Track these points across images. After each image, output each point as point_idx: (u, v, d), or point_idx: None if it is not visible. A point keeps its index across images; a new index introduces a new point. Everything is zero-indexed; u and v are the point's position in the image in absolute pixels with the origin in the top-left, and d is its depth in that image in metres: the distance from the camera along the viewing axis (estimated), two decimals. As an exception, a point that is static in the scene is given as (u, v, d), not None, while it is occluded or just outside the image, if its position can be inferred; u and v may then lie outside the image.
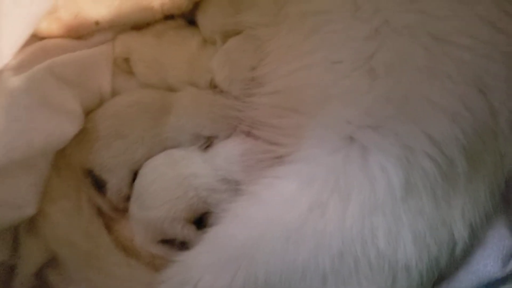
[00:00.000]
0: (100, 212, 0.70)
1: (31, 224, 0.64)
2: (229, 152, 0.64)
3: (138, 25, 0.75)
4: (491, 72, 0.57)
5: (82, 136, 0.68)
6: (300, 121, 0.60)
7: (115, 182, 0.69)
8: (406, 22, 0.59)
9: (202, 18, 0.73)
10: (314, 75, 0.61)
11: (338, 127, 0.58)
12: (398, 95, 0.57)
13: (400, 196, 0.55)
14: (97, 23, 0.72)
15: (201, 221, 0.69)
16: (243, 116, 0.65)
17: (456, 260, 0.60)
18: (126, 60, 0.74)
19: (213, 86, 0.70)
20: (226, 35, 0.71)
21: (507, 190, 0.63)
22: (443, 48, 0.57)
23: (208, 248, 0.59)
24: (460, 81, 0.57)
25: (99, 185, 0.70)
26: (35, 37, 0.70)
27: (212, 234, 0.61)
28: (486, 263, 0.61)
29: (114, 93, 0.73)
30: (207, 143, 0.67)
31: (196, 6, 0.74)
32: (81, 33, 0.73)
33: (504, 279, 0.60)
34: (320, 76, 0.61)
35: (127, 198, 0.70)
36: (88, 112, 0.70)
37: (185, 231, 0.67)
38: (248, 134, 0.64)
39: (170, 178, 0.66)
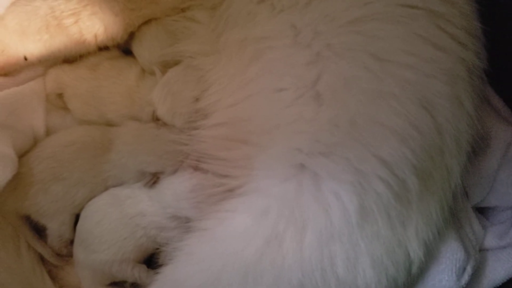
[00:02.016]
0: (42, 260, 0.66)
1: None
2: (177, 188, 0.62)
3: (71, 57, 0.71)
4: (434, 90, 0.58)
5: (17, 181, 0.63)
6: (249, 152, 0.59)
7: (55, 228, 0.65)
8: (347, 45, 0.59)
9: (138, 49, 0.70)
10: (259, 104, 0.60)
11: (288, 156, 0.57)
12: (345, 119, 0.56)
13: (356, 222, 0.55)
14: (25, 58, 0.68)
15: (151, 260, 0.66)
16: (189, 150, 0.63)
17: (413, 278, 0.61)
18: (60, 95, 0.70)
19: (155, 119, 0.67)
20: (165, 65, 0.68)
21: (455, 204, 0.65)
22: (386, 68, 0.58)
23: None
24: (405, 101, 0.57)
25: (38, 231, 0.66)
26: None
27: (167, 275, 0.59)
28: (441, 278, 0.63)
29: (49, 132, 0.69)
30: (153, 179, 0.65)
31: (131, 36, 0.71)
32: (8, 70, 0.69)
33: (460, 292, 0.62)
34: (265, 105, 0.60)
35: (70, 242, 0.66)
36: (22, 155, 0.65)
37: (136, 273, 0.64)
38: (196, 168, 0.62)
39: (116, 219, 0.64)
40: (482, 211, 0.73)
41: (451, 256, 0.63)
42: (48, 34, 0.66)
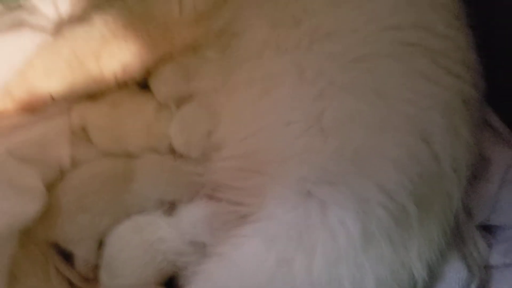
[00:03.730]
0: (71, 284, 0.70)
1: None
2: (193, 216, 0.66)
3: (93, 94, 0.76)
4: (432, 122, 0.62)
5: (46, 211, 0.68)
6: (261, 181, 0.63)
7: (81, 254, 0.69)
8: (350, 82, 0.63)
9: (155, 85, 0.75)
10: (269, 137, 0.64)
11: (297, 185, 0.61)
12: (349, 151, 0.60)
13: (360, 246, 0.59)
14: (51, 96, 0.73)
15: (172, 283, 0.70)
16: (204, 180, 0.67)
17: (418, 297, 0.64)
18: (84, 129, 0.75)
19: (172, 151, 0.72)
20: (181, 100, 0.73)
21: (457, 224, 0.68)
22: (387, 103, 0.62)
23: None
24: (404, 133, 0.61)
25: (66, 257, 0.70)
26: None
27: None
28: (446, 297, 0.66)
29: (75, 164, 0.73)
30: (171, 207, 0.69)
31: (148, 72, 0.76)
32: (35, 108, 0.73)
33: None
34: (274, 138, 0.64)
35: (96, 267, 0.70)
36: (50, 186, 0.70)
37: (157, 295, 0.68)
38: (211, 197, 0.66)
39: (138, 245, 0.68)
40: (488, 229, 0.76)
41: (454, 276, 0.65)
42: (71, 74, 0.71)
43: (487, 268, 0.71)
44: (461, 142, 0.64)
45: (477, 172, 0.72)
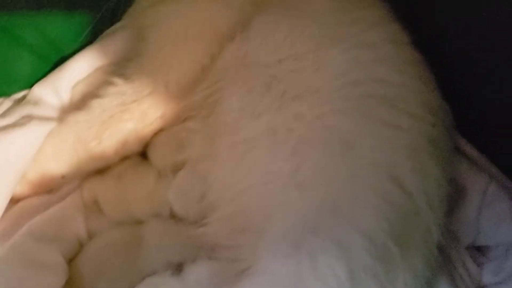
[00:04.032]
0: None
1: None
2: (197, 275, 0.72)
3: (100, 169, 0.84)
4: (400, 165, 0.67)
5: (69, 283, 0.75)
6: (253, 238, 0.68)
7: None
8: (318, 137, 0.68)
9: (152, 157, 0.83)
10: (252, 196, 0.70)
11: (284, 239, 0.65)
12: (327, 202, 0.65)
13: (350, 287, 0.64)
14: (63, 177, 0.82)
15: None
16: (203, 242, 0.74)
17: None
18: (95, 202, 0.83)
19: (174, 215, 0.79)
20: (176, 168, 0.80)
21: (443, 251, 0.73)
22: (356, 153, 0.67)
23: None
24: (376, 179, 0.66)
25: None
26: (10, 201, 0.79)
27: None
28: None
29: (91, 235, 0.80)
30: (179, 268, 0.76)
31: (146, 143, 0.84)
32: (52, 187, 0.82)
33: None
34: (257, 197, 0.69)
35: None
36: (71, 259, 0.78)
37: None
38: (210, 257, 0.73)
39: (156, 305, 0.75)
40: (479, 248, 0.80)
41: (445, 301, 0.70)
42: (77, 156, 0.80)
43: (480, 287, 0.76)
44: (432, 179, 0.69)
45: (456, 200, 0.77)
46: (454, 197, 0.75)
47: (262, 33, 0.76)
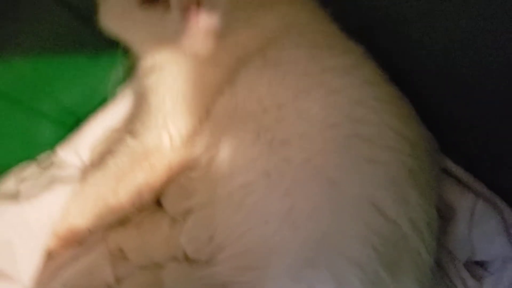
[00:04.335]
0: None
1: None
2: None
3: (121, 219, 0.93)
4: (381, 196, 0.72)
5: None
6: (259, 275, 0.74)
7: None
8: (308, 178, 0.74)
9: (165, 205, 0.91)
10: (253, 236, 0.76)
11: (286, 274, 0.71)
12: (319, 237, 0.71)
13: None
14: (88, 230, 0.91)
15: None
16: (215, 280, 0.80)
17: None
18: (120, 250, 0.91)
19: (187, 258, 0.86)
20: (186, 215, 0.88)
21: (440, 269, 0.77)
22: (341, 189, 0.72)
23: None
24: (360, 211, 0.71)
25: None
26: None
27: None
28: None
29: (118, 280, 0.88)
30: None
31: (159, 193, 0.93)
32: (80, 240, 0.91)
33: None
34: (257, 237, 0.75)
35: None
36: (102, 305, 0.87)
37: None
38: (223, 293, 0.80)
39: None
40: (479, 262, 0.84)
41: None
42: (99, 211, 0.89)
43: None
44: (414, 206, 0.73)
45: (448, 219, 0.81)
46: (445, 217, 0.79)
47: (247, 86, 0.83)
